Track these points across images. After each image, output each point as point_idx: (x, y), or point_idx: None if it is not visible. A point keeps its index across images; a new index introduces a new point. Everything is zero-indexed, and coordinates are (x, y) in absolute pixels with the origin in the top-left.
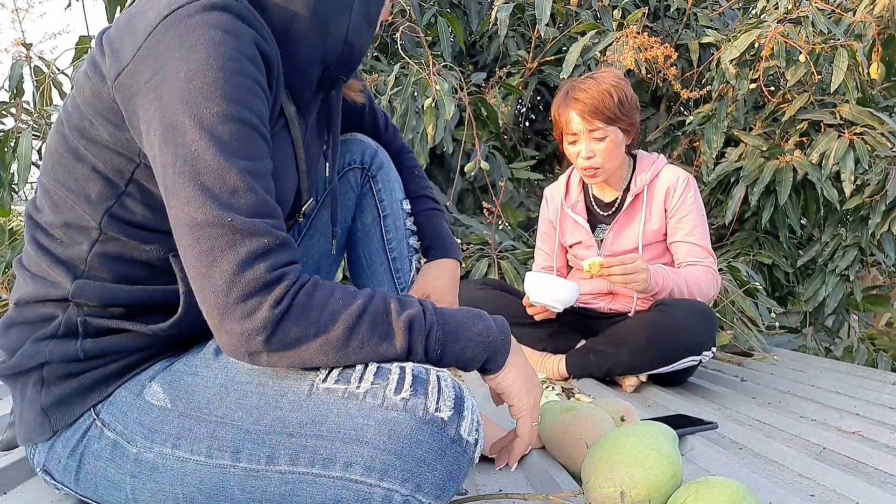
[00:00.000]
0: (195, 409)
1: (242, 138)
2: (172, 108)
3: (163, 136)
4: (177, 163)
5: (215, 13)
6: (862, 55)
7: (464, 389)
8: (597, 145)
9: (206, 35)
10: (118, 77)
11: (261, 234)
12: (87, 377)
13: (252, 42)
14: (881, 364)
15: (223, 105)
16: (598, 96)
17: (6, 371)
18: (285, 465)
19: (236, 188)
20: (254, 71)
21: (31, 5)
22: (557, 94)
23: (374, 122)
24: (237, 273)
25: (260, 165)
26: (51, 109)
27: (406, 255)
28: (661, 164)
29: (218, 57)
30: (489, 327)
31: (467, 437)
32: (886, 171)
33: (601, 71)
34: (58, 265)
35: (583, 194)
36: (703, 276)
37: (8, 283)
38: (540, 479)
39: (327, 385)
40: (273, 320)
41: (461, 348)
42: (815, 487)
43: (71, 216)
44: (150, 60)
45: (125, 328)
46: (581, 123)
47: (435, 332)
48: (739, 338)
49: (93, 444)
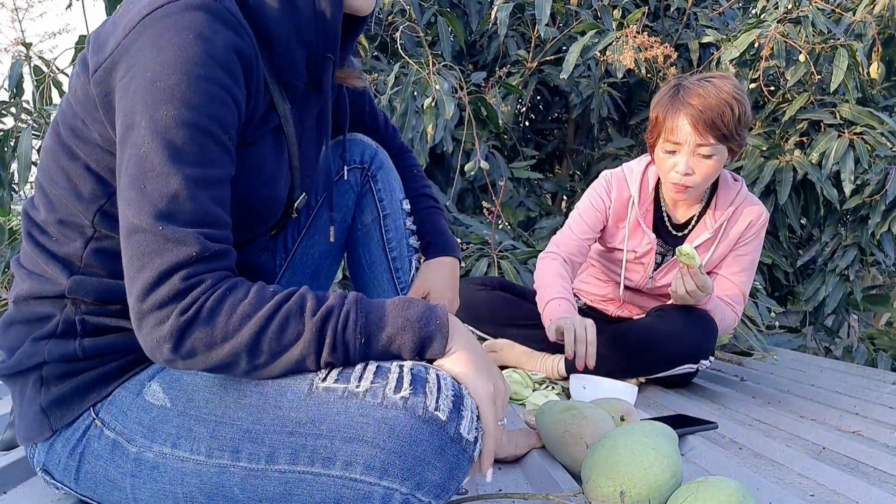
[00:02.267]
0: (195, 408)
1: (195, 144)
2: (134, 107)
3: (122, 134)
4: (129, 163)
5: (191, 13)
6: (862, 55)
7: (463, 388)
8: (700, 163)
9: (177, 37)
10: (96, 72)
11: (189, 244)
12: (85, 376)
13: (227, 47)
14: (881, 364)
15: (181, 110)
16: (717, 107)
17: (6, 371)
18: (285, 465)
19: (177, 195)
20: (223, 77)
21: (30, 5)
22: (662, 89)
23: (373, 120)
24: (157, 282)
25: (211, 173)
26: (50, 109)
27: (406, 254)
28: (743, 196)
29: (185, 61)
30: (420, 312)
31: (467, 436)
32: (886, 170)
33: (717, 75)
34: (54, 262)
35: (653, 204)
36: (726, 314)
37: (8, 282)
38: (540, 479)
39: (327, 384)
40: (179, 328)
41: (388, 336)
42: (814, 487)
43: (65, 214)
44: (125, 58)
45: (123, 327)
46: (691, 134)
47: (354, 322)
48: (739, 337)
49: (92, 443)
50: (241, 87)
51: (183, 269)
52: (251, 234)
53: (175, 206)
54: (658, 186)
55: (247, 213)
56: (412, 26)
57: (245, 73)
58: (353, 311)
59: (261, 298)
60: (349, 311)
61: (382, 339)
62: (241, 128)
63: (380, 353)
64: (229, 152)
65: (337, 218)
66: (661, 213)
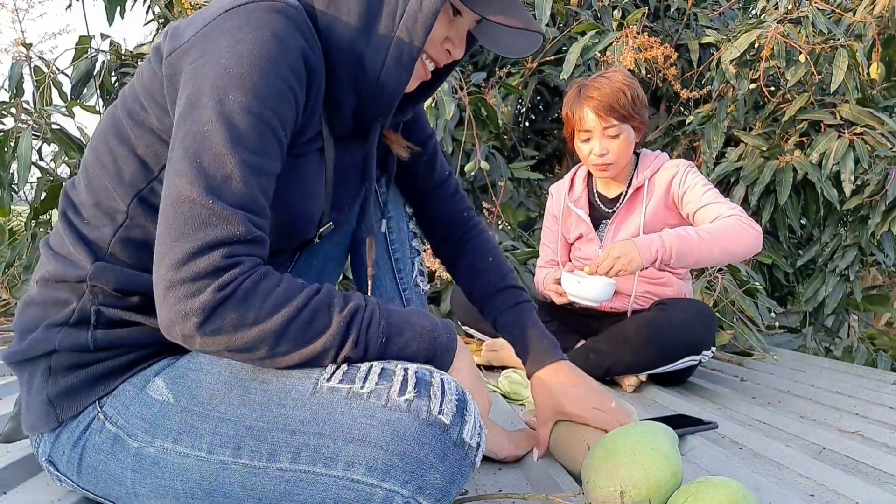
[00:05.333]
0: (197, 404)
1: (255, 132)
2: (202, 87)
3: (184, 110)
4: (186, 137)
5: (273, 14)
6: (862, 55)
7: (466, 392)
8: (610, 143)
9: (256, 32)
10: (170, 55)
11: (235, 223)
12: (94, 369)
13: (298, 51)
14: (881, 364)
15: (249, 98)
16: (612, 94)
17: (15, 357)
18: (287, 463)
19: (230, 175)
20: (291, 78)
21: (31, 5)
22: (568, 93)
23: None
24: (196, 253)
25: (264, 163)
26: (50, 109)
27: (408, 256)
28: (662, 159)
29: (260, 55)
30: (434, 325)
31: (469, 441)
32: (886, 171)
33: (610, 71)
34: (82, 244)
35: (587, 190)
36: (732, 225)
37: (8, 282)
38: (540, 479)
39: (331, 384)
40: (213, 304)
41: (405, 341)
42: (814, 487)
43: (103, 196)
44: (201, 44)
45: (138, 321)
46: (595, 120)
47: (377, 322)
48: (739, 338)
49: (94, 437)
50: (303, 93)
51: (225, 246)
52: (277, 246)
53: (227, 186)
54: (590, 176)
55: (280, 220)
56: None
57: (309, 81)
58: (377, 312)
59: (293, 288)
60: (374, 311)
61: (400, 342)
62: (295, 134)
63: (395, 355)
64: (282, 149)
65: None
66: (594, 196)
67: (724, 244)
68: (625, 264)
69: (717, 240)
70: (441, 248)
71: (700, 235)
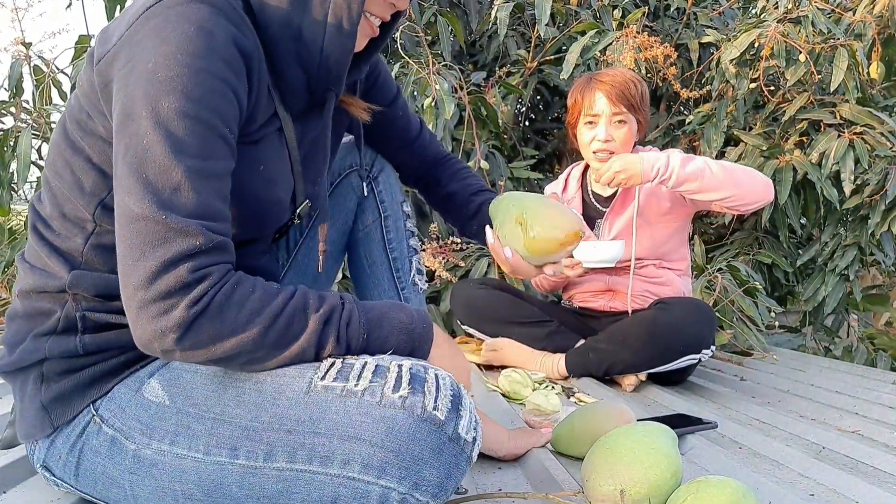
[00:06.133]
0: (193, 405)
1: (197, 136)
2: (134, 97)
3: (120, 124)
4: (127, 153)
5: (194, 6)
6: (862, 55)
7: (461, 388)
8: (616, 130)
9: (179, 29)
10: (99, 62)
11: (193, 234)
12: (86, 373)
13: (228, 40)
14: (880, 363)
15: (182, 101)
16: (624, 83)
17: (7, 367)
18: (283, 462)
19: (179, 186)
20: (224, 70)
21: (30, 5)
22: (577, 81)
23: (405, 131)
24: (161, 271)
25: (212, 165)
26: (50, 109)
27: (406, 254)
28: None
29: (187, 53)
30: (411, 316)
31: (465, 436)
32: (886, 170)
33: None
34: (56, 256)
35: (581, 190)
36: (744, 167)
37: (8, 282)
38: (540, 478)
39: (325, 382)
40: (188, 320)
41: (385, 336)
42: (814, 487)
43: (68, 208)
44: (126, 49)
45: (124, 323)
46: (606, 104)
47: (357, 319)
48: (739, 337)
49: (91, 440)
50: (242, 81)
51: (188, 259)
52: (252, 235)
53: (178, 197)
54: (584, 176)
55: (248, 211)
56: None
57: (247, 68)
58: (355, 310)
59: (267, 295)
60: (351, 309)
61: (380, 337)
62: (244, 123)
63: (376, 350)
64: (230, 146)
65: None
66: (588, 195)
67: (735, 175)
68: (624, 179)
69: (726, 170)
70: (427, 185)
71: (708, 163)
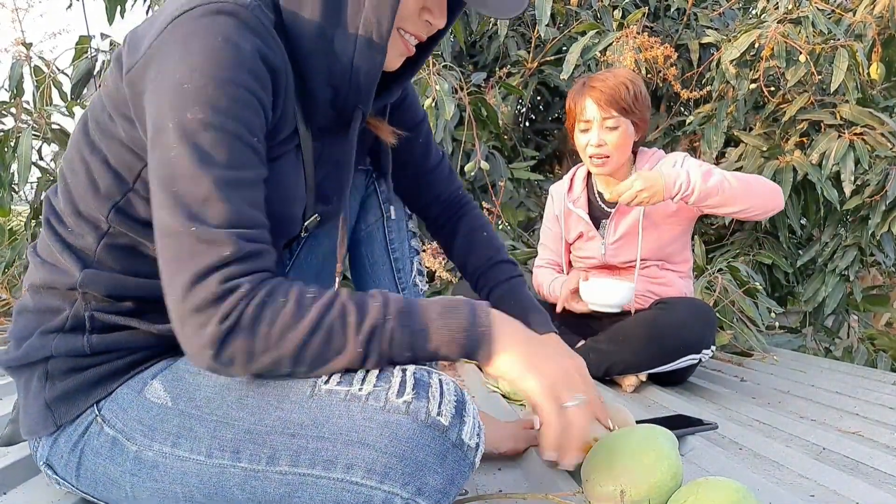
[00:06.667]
0: (196, 407)
1: (224, 147)
2: (162, 110)
3: (152, 137)
4: (158, 167)
5: (222, 18)
6: (862, 55)
7: (465, 393)
8: (608, 135)
9: (206, 40)
10: (129, 72)
11: (222, 244)
12: (91, 373)
13: (254, 53)
14: (881, 364)
15: (207, 113)
16: (615, 87)
17: (12, 363)
18: (286, 466)
19: (208, 198)
20: (250, 82)
21: (31, 5)
22: (574, 86)
23: (424, 159)
24: (192, 284)
25: (241, 174)
26: (51, 109)
27: (408, 255)
28: (660, 155)
29: (213, 64)
30: (463, 321)
31: (469, 442)
32: (886, 171)
33: (617, 68)
34: (68, 252)
35: (586, 190)
36: (755, 176)
37: (8, 282)
38: (540, 478)
39: (329, 386)
40: (219, 337)
41: (434, 347)
42: (814, 487)
43: (82, 206)
44: (156, 59)
45: (132, 325)
46: (596, 111)
47: (399, 338)
48: (739, 338)
49: (93, 440)
50: (268, 93)
51: (217, 270)
52: None
53: (206, 208)
54: (589, 176)
55: None
56: None
57: (273, 80)
58: (396, 327)
59: (301, 307)
60: (392, 328)
61: (429, 350)
62: (268, 136)
63: (425, 361)
64: (259, 154)
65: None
66: (594, 196)
67: (751, 187)
68: (647, 198)
69: (743, 181)
70: (438, 228)
71: (725, 176)
